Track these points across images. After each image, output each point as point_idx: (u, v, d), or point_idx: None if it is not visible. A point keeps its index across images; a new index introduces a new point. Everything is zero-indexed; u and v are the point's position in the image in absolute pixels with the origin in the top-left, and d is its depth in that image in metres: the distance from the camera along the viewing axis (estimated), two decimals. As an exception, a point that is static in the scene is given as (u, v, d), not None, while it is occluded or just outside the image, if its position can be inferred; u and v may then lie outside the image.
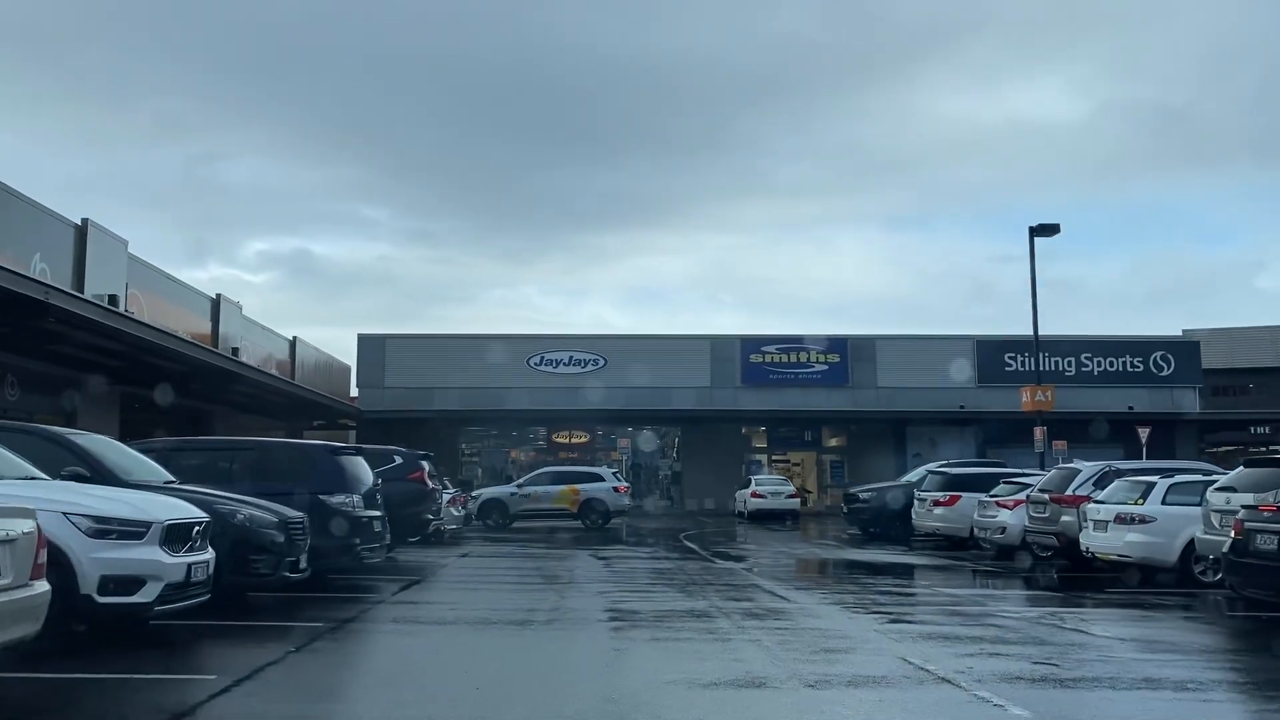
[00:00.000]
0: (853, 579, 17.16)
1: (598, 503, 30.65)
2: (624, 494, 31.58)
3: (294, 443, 14.89)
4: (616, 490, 31.30)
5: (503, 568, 18.20)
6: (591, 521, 30.20)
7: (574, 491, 30.78)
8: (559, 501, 30.75)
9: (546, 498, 30.85)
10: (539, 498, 30.90)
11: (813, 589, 14.73)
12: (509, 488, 32.14)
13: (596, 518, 30.39)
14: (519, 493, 31.21)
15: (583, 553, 21.17)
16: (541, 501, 30.83)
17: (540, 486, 31.32)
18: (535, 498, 30.91)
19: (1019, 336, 45.56)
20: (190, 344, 25.24)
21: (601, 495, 30.79)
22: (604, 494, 30.87)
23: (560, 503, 30.74)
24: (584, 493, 30.71)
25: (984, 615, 12.33)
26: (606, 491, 30.99)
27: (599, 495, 30.77)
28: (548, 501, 30.81)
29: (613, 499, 30.90)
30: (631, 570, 17.46)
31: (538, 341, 44.17)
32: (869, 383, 43.91)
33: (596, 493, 30.83)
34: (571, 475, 32.13)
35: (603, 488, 31.15)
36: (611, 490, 31.16)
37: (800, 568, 19.18)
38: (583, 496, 30.61)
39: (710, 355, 43.89)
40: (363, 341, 43.72)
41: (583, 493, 30.70)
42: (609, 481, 31.66)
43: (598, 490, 30.99)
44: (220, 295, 35.74)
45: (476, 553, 21.18)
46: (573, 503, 30.64)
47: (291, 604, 11.73)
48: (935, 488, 23.48)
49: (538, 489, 31.17)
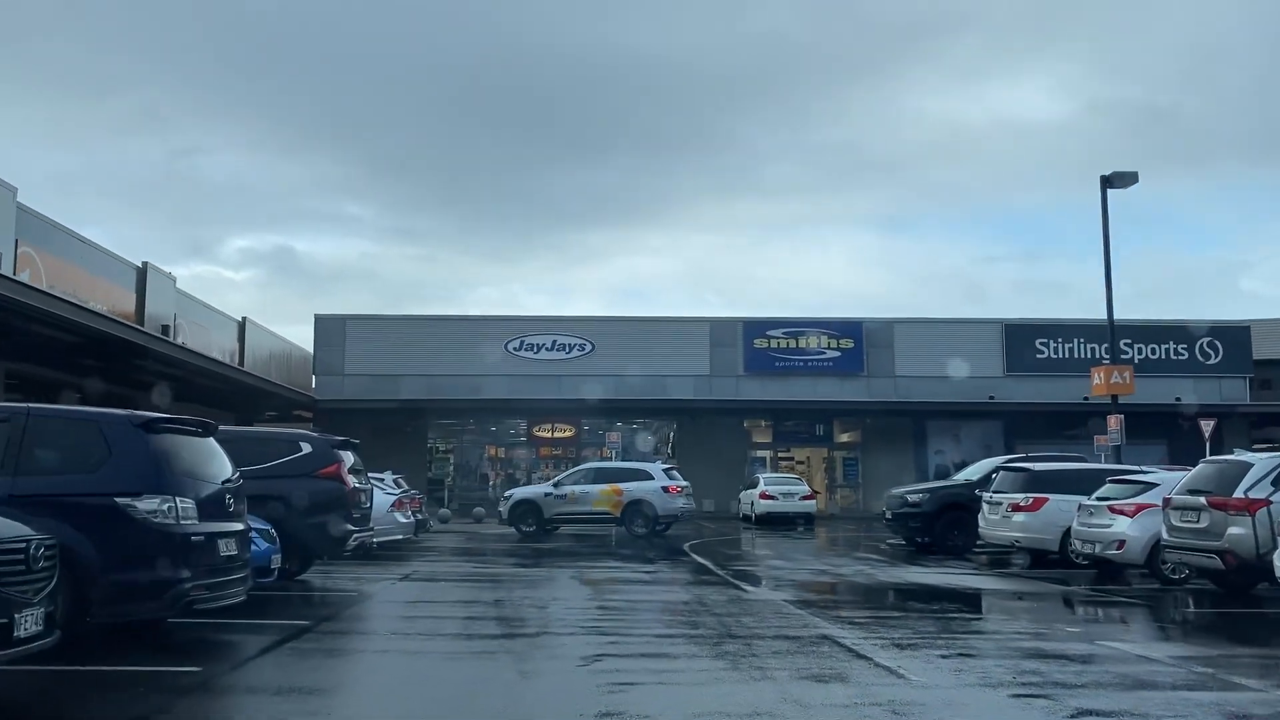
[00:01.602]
0: (961, 623, 11.57)
1: (644, 506, 24.69)
2: (677, 495, 25.28)
3: (77, 412, 9.23)
4: (667, 491, 24.98)
5: (448, 603, 12.54)
6: (636, 529, 24.40)
7: (616, 492, 24.94)
8: (600, 504, 24.97)
9: (585, 499, 25.06)
10: (576, 499, 25.09)
11: (917, 644, 9.19)
12: (544, 487, 26.28)
13: (642, 524, 24.49)
14: (554, 493, 25.34)
15: (564, 574, 15.55)
16: (579, 504, 25.05)
17: (578, 486, 25.45)
18: (573, 499, 25.10)
19: (1051, 320, 40.27)
20: (78, 308, 19.68)
21: (648, 497, 24.74)
22: (651, 495, 24.79)
23: (601, 505, 24.96)
24: (628, 493, 24.85)
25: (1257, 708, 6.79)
26: (654, 492, 24.88)
27: (645, 497, 24.74)
28: (587, 504, 25.04)
29: (662, 501, 24.81)
30: (631, 607, 11.86)
31: (517, 324, 38.52)
32: (885, 371, 38.43)
33: (642, 493, 24.83)
34: (614, 472, 26.23)
35: (650, 488, 24.99)
36: (660, 491, 24.94)
37: (865, 600, 13.59)
38: (626, 498, 24.81)
39: (710, 340, 38.33)
40: (320, 323, 37.96)
41: (626, 493, 24.87)
42: (658, 480, 25.31)
43: (644, 490, 24.92)
44: (148, 264, 30.04)
45: (422, 574, 15.53)
46: (615, 505, 24.85)
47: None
48: (1013, 487, 17.94)
49: (575, 489, 25.32)
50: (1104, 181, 23.71)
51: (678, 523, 25.80)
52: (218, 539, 8.36)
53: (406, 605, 12.24)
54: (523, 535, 24.65)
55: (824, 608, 11.77)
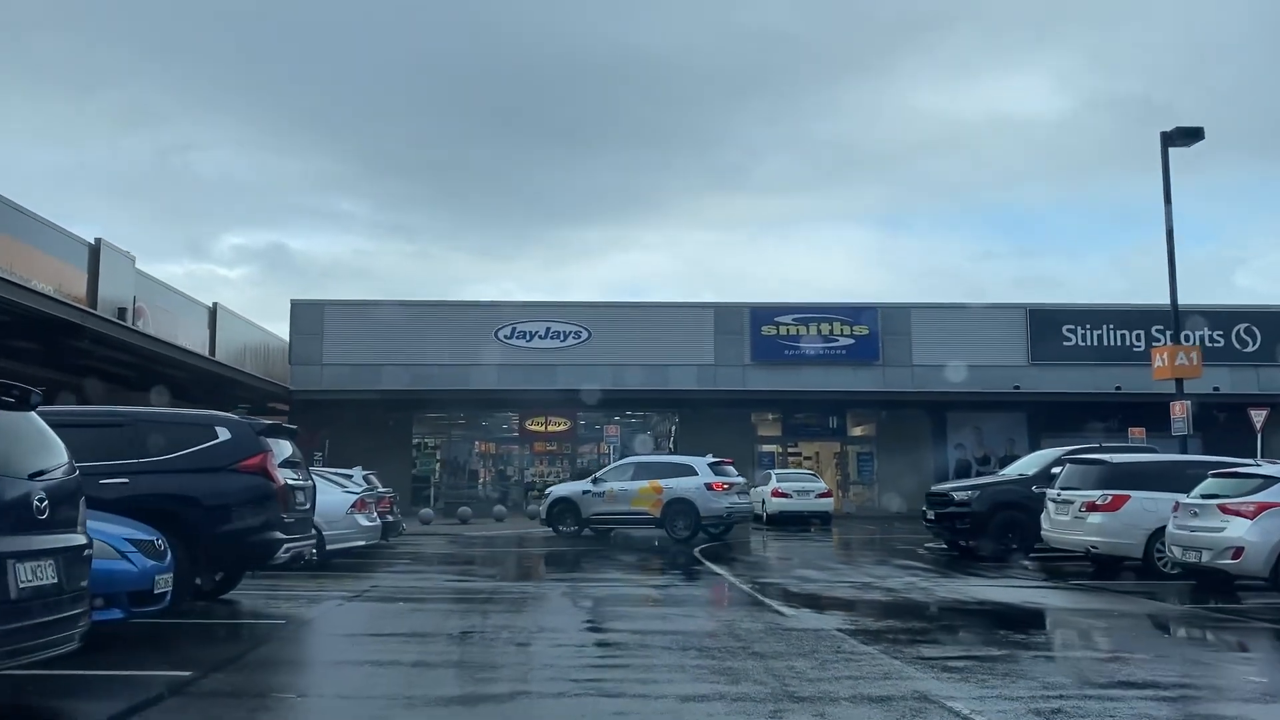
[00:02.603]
0: (1094, 665, 8.56)
1: (684, 506, 21.25)
2: (722, 493, 21.55)
3: None
4: (710, 488, 21.30)
5: (399, 637, 9.44)
6: (678, 532, 21.10)
7: (656, 489, 21.60)
8: (639, 503, 21.72)
9: (624, 497, 21.84)
10: (615, 497, 21.89)
11: (1068, 713, 6.19)
12: (583, 484, 23.14)
13: (683, 526, 21.12)
14: (593, 491, 22.23)
15: (555, 590, 12.53)
16: (618, 503, 21.89)
17: (618, 483, 22.16)
18: (611, 497, 21.93)
19: (1078, 305, 37.19)
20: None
21: (690, 495, 21.21)
22: (693, 493, 21.22)
23: (640, 504, 21.70)
24: (668, 491, 21.44)
25: None
26: (697, 490, 21.25)
27: (687, 495, 21.23)
28: (625, 503, 21.83)
29: (705, 500, 21.19)
30: (642, 643, 8.80)
31: (509, 310, 35.42)
32: (903, 360, 35.38)
33: (683, 491, 21.28)
34: (655, 467, 22.68)
35: (692, 485, 21.33)
36: (702, 488, 21.27)
37: (941, 628, 10.55)
38: (666, 496, 21.42)
39: (714, 327, 35.26)
40: (297, 309, 34.85)
41: (666, 491, 21.46)
42: (701, 475, 21.52)
43: (685, 487, 21.30)
44: (101, 240, 26.96)
45: (381, 590, 12.49)
46: (654, 505, 21.54)
47: None
48: (1086, 483, 14.95)
49: (614, 486, 22.08)
50: (1164, 139, 20.80)
51: (725, 525, 21.91)
52: (10, 564, 5.32)
53: (342, 641, 9.23)
54: (561, 537, 21.87)
55: (895, 642, 8.76)
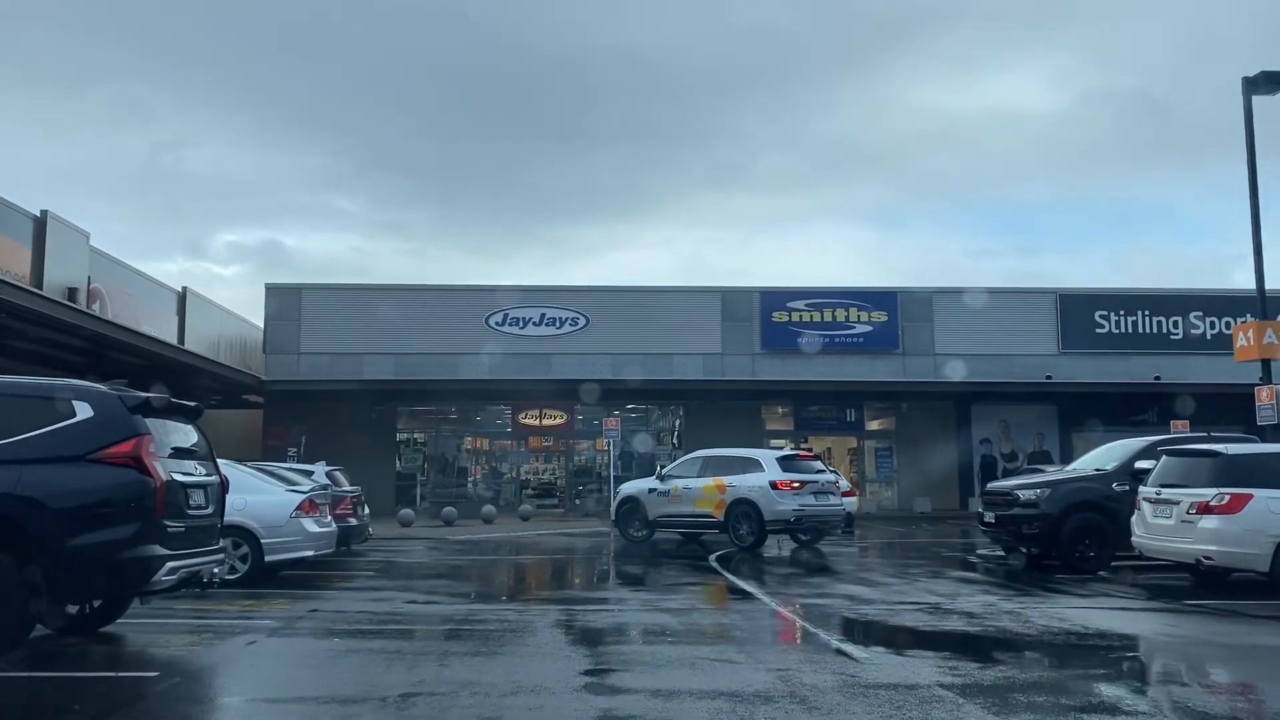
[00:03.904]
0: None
1: (747, 507, 17.55)
2: (789, 493, 17.36)
3: None
4: (775, 487, 17.45)
5: (309, 702, 6.36)
6: (741, 538, 17.48)
7: (719, 488, 18.05)
8: (702, 503, 18.25)
9: (688, 497, 18.47)
10: (680, 497, 18.56)
11: None
12: (649, 481, 19.72)
13: (747, 532, 17.46)
14: (659, 489, 18.97)
15: (543, 619, 9.54)
16: (682, 503, 18.54)
17: (683, 480, 18.79)
18: (675, 497, 18.62)
19: (1112, 290, 34.18)
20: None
21: (752, 495, 17.51)
22: (756, 493, 17.49)
23: (704, 505, 18.22)
24: (731, 490, 17.85)
25: None
26: (760, 489, 17.49)
27: (749, 495, 17.54)
28: (689, 503, 18.44)
29: (769, 501, 17.38)
30: (667, 716, 5.82)
31: (501, 295, 32.42)
32: (924, 348, 32.46)
33: (747, 490, 17.62)
34: (721, 462, 18.78)
35: (755, 483, 17.61)
36: (767, 487, 17.48)
37: (1078, 674, 7.60)
38: (729, 496, 17.83)
39: (721, 313, 32.33)
40: (272, 294, 31.84)
41: (729, 490, 17.88)
42: (768, 471, 17.76)
43: (749, 486, 17.64)
44: (48, 213, 24.00)
45: (316, 621, 9.51)
46: (717, 506, 17.97)
47: None
48: (1195, 479, 12.02)
49: (680, 483, 18.73)
50: (1247, 85, 17.85)
51: (796, 530, 18.02)
52: None
53: (223, 716, 6.24)
54: (629, 542, 18.93)
55: (1039, 710, 5.83)
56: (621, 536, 19.33)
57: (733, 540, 17.64)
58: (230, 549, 11.99)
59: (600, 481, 32.51)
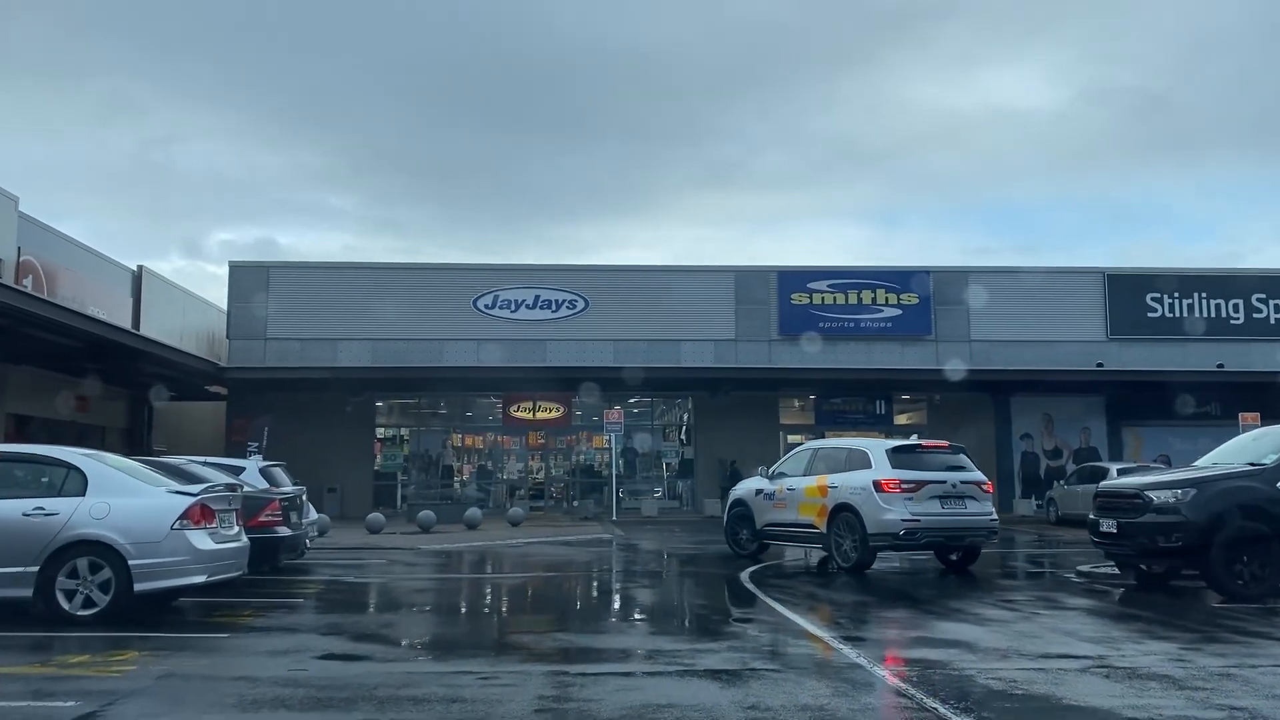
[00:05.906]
0: None
1: (849, 516, 13.24)
2: (899, 497, 12.78)
3: None
4: (880, 488, 12.97)
5: None
6: (844, 555, 13.24)
7: (821, 489, 13.84)
8: (806, 509, 14.06)
9: (792, 502, 14.36)
10: (784, 501, 14.51)
11: None
12: (757, 480, 15.53)
13: (851, 548, 13.15)
14: (765, 490, 15.00)
15: (518, 692, 5.89)
16: (787, 508, 14.45)
17: (790, 479, 14.70)
18: (780, 501, 14.60)
19: (1165, 269, 30.46)
20: None
21: (853, 500, 13.17)
22: (858, 496, 13.14)
23: (807, 511, 14.01)
24: (833, 494, 13.59)
25: None
26: (862, 491, 13.13)
27: (850, 500, 13.22)
28: (793, 508, 14.31)
29: (872, 508, 12.96)
30: None
31: (490, 275, 28.85)
32: (959, 334, 28.92)
33: (849, 493, 13.30)
34: (827, 455, 14.51)
35: (859, 484, 13.23)
36: (869, 489, 13.06)
37: None
38: (831, 500, 13.57)
39: (735, 295, 28.78)
40: (237, 273, 28.20)
41: (832, 493, 13.63)
42: (876, 467, 13.29)
43: (852, 487, 13.31)
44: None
45: (158, 694, 5.91)
46: (819, 512, 13.73)
47: None
48: None
49: (786, 483, 14.65)
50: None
51: (923, 549, 13.65)
52: None
53: None
54: (737, 556, 15.19)
55: None
56: (729, 546, 15.55)
57: (834, 557, 13.50)
58: (86, 573, 8.44)
59: (600, 481, 28.98)
